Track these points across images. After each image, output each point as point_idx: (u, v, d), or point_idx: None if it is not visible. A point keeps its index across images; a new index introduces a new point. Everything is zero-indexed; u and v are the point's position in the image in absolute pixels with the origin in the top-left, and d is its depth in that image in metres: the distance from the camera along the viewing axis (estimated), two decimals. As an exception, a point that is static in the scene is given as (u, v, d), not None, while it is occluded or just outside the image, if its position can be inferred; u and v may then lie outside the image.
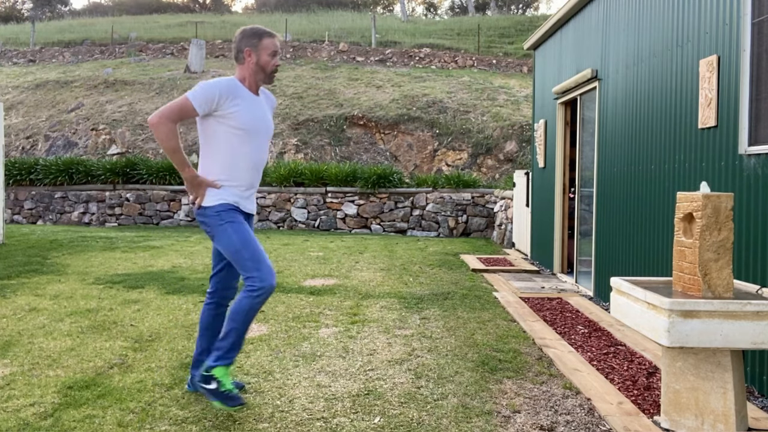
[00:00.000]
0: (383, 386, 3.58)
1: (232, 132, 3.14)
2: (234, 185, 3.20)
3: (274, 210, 13.28)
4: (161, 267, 7.62)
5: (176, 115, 3.03)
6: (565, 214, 7.95)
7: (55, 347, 4.20)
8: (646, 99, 5.37)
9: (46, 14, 45.50)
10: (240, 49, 3.22)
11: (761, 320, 2.81)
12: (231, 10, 48.87)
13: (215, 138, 3.16)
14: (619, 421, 3.14)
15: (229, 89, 3.12)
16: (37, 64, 24.26)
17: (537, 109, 9.34)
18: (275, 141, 15.71)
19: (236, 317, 3.10)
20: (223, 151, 3.17)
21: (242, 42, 3.21)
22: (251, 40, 3.21)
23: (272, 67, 3.25)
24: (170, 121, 3.01)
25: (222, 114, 3.12)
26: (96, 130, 16.67)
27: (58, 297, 5.77)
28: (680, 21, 4.78)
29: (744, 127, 3.90)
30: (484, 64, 22.66)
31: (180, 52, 24.55)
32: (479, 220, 12.70)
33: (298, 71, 20.60)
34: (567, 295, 6.49)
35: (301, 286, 6.55)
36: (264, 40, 3.22)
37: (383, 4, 48.27)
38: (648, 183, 5.32)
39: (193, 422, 3.02)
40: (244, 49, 3.21)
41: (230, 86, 3.14)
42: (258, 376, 3.70)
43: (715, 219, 2.99)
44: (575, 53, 7.46)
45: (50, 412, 3.11)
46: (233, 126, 3.13)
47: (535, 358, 4.22)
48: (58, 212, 13.96)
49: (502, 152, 14.92)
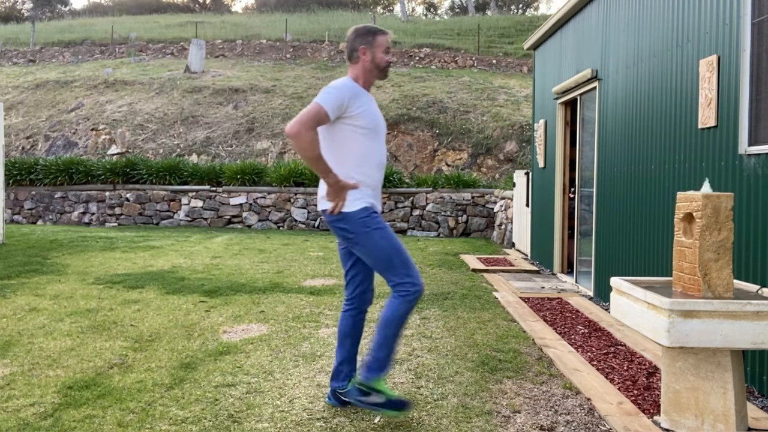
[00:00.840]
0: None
1: (360, 132, 3.11)
2: (368, 186, 3.16)
3: (274, 210, 13.28)
4: (161, 267, 7.62)
5: (314, 122, 2.96)
6: (565, 214, 7.95)
7: (55, 347, 4.20)
8: (646, 99, 5.37)
9: (46, 14, 45.51)
10: (355, 48, 3.19)
11: (761, 320, 2.81)
12: (231, 10, 48.88)
13: (345, 141, 3.11)
14: (619, 421, 3.14)
15: (353, 90, 3.11)
16: (37, 64, 24.26)
17: (537, 109, 9.34)
18: (275, 141, 15.72)
19: (391, 324, 3.07)
20: (356, 153, 3.12)
21: (356, 41, 3.19)
22: (366, 38, 3.19)
23: (386, 63, 3.24)
24: (310, 130, 2.94)
25: (349, 116, 3.08)
26: (96, 130, 16.67)
27: (58, 297, 5.77)
28: (680, 21, 4.78)
29: (744, 127, 3.90)
30: (484, 64, 22.66)
31: (180, 52, 24.56)
32: (479, 220, 12.70)
33: (298, 71, 20.61)
34: (567, 295, 6.49)
35: (301, 286, 6.55)
36: (378, 37, 3.21)
37: (383, 4, 48.27)
38: (648, 183, 5.32)
39: (193, 422, 3.02)
40: (359, 48, 3.18)
41: (353, 87, 3.13)
42: (258, 376, 3.70)
43: (715, 219, 2.99)
44: (575, 53, 7.46)
45: (50, 412, 3.11)
46: (361, 126, 3.10)
47: (535, 358, 4.22)
48: (58, 212, 13.96)
49: (502, 152, 14.91)
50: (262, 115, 16.65)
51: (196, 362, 3.93)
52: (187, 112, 17.03)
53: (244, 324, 4.92)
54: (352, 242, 3.12)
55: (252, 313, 5.30)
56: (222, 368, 3.82)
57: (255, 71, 20.55)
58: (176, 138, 16.17)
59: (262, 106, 17.17)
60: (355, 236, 3.10)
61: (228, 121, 16.62)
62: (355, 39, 3.19)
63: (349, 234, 3.11)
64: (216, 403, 3.27)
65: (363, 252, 3.12)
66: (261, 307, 5.51)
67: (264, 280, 6.87)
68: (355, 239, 3.11)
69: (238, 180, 13.36)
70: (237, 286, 6.46)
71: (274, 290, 6.29)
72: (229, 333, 4.66)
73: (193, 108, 17.23)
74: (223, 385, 3.52)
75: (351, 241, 3.12)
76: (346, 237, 3.13)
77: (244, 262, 8.10)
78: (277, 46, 24.42)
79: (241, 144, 15.79)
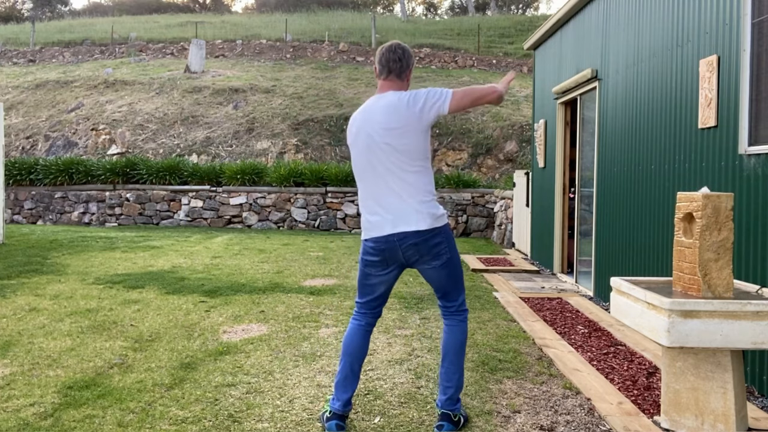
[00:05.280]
0: (383, 386, 3.58)
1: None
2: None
3: (274, 210, 13.28)
4: (161, 267, 7.62)
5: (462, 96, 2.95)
6: (565, 214, 7.95)
7: (55, 347, 4.20)
8: (646, 99, 5.37)
9: (46, 14, 45.50)
10: (409, 66, 3.07)
11: (761, 320, 2.81)
12: (231, 10, 48.87)
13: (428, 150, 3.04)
14: (619, 421, 3.14)
15: None
16: (37, 64, 24.26)
17: (537, 109, 9.34)
18: (275, 141, 15.71)
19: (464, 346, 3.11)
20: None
21: (411, 60, 3.09)
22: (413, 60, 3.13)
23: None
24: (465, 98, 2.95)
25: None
26: (96, 130, 16.67)
27: (58, 297, 5.77)
28: (680, 21, 4.78)
29: (744, 127, 3.90)
30: (484, 64, 22.66)
31: (180, 52, 24.55)
32: (479, 220, 12.70)
33: (298, 71, 20.61)
34: (567, 295, 6.49)
35: (301, 286, 6.55)
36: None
37: (383, 4, 48.26)
38: (648, 183, 5.32)
39: (193, 422, 3.02)
40: (411, 67, 3.10)
41: None
42: (258, 376, 3.70)
43: (715, 219, 2.99)
44: (575, 53, 7.46)
45: (50, 412, 3.11)
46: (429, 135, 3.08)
47: (535, 358, 4.22)
48: (58, 212, 13.96)
49: (502, 152, 14.92)
50: (262, 115, 16.65)
51: (196, 362, 3.93)
52: (187, 112, 17.03)
53: (244, 324, 4.92)
54: (442, 258, 2.96)
55: (252, 313, 5.30)
56: (222, 368, 3.82)
57: (255, 71, 20.55)
58: (176, 138, 16.17)
59: (262, 106, 17.17)
60: (449, 250, 2.97)
61: (228, 121, 16.62)
62: (411, 58, 3.09)
63: (443, 248, 2.95)
64: (216, 403, 3.27)
65: (447, 268, 2.99)
66: (261, 307, 5.51)
67: (264, 280, 6.87)
68: (448, 253, 2.97)
69: (238, 180, 13.36)
70: (237, 286, 6.46)
71: (274, 290, 6.29)
72: (229, 333, 4.66)
73: (193, 108, 17.23)
74: (223, 385, 3.52)
75: (440, 258, 2.96)
76: (439, 253, 2.95)
77: (244, 262, 8.10)
78: (277, 46, 24.42)
79: (241, 144, 15.79)
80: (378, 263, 3.00)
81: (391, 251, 2.95)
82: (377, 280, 3.05)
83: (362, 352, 3.09)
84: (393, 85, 3.03)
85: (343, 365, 3.06)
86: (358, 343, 3.08)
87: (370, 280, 3.06)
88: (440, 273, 2.99)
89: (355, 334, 3.09)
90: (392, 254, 2.95)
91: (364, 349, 3.10)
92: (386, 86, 3.04)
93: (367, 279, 3.07)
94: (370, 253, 3.01)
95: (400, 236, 2.90)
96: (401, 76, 3.04)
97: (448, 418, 2.97)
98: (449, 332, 3.08)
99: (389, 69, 3.02)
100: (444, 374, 3.05)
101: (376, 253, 2.98)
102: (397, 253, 2.94)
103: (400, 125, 2.91)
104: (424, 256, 2.95)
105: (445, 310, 3.10)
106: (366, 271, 3.06)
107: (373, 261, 3.00)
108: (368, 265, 3.03)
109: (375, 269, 3.03)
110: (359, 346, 3.08)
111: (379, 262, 2.99)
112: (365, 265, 3.05)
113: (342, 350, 3.10)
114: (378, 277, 3.05)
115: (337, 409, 2.99)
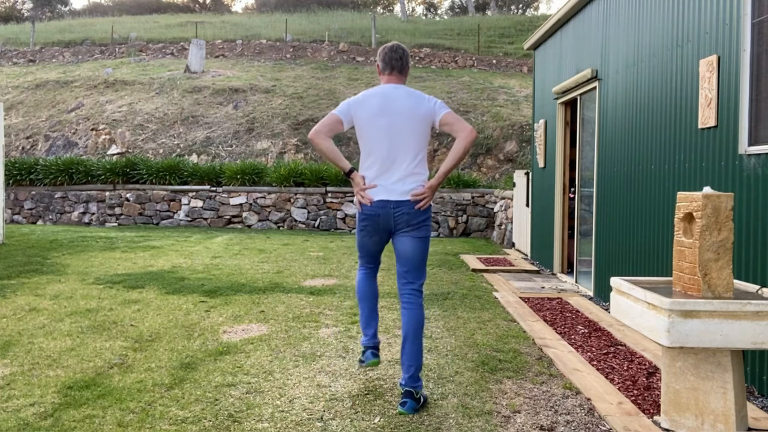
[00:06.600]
0: (383, 386, 3.58)
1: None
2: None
3: (274, 210, 13.28)
4: (161, 267, 7.62)
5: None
6: (565, 214, 7.95)
7: (55, 347, 4.20)
8: (646, 99, 5.37)
9: (46, 14, 45.50)
10: (408, 64, 3.52)
11: (761, 320, 2.81)
12: (231, 10, 48.86)
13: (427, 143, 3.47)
14: (619, 421, 3.14)
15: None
16: (37, 64, 24.26)
17: (537, 109, 9.34)
18: (275, 141, 15.72)
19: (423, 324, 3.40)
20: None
21: (409, 59, 3.55)
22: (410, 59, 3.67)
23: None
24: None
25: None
26: (96, 130, 16.67)
27: (58, 297, 5.77)
28: (680, 21, 4.78)
29: (744, 127, 3.90)
30: (484, 64, 22.67)
31: (180, 52, 24.55)
32: (479, 220, 12.70)
33: (298, 71, 20.61)
34: (567, 295, 6.49)
35: (301, 286, 6.55)
36: None
37: (383, 4, 48.25)
38: (648, 183, 5.32)
39: (193, 422, 3.02)
40: (409, 65, 3.54)
41: None
42: (258, 376, 3.70)
43: (715, 219, 2.99)
44: (575, 53, 7.46)
45: (50, 412, 3.11)
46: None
47: (535, 358, 4.22)
48: (58, 212, 13.96)
49: (502, 152, 14.92)
50: (262, 115, 16.65)
51: (196, 362, 3.93)
52: (187, 112, 17.03)
53: (244, 324, 4.92)
54: (423, 232, 3.36)
55: (252, 313, 5.30)
56: (222, 368, 3.82)
57: (255, 71, 20.55)
58: (176, 138, 16.17)
59: (262, 106, 17.17)
60: (428, 230, 3.39)
61: (228, 121, 16.62)
62: (409, 57, 3.54)
63: (426, 224, 3.37)
64: (216, 403, 3.27)
65: (422, 243, 3.36)
66: (261, 307, 5.51)
67: (264, 280, 6.87)
68: (427, 232, 3.38)
69: (238, 180, 13.36)
70: (237, 286, 6.46)
71: (274, 290, 6.29)
72: (229, 333, 4.66)
73: (193, 108, 17.23)
74: (223, 385, 3.52)
75: (422, 231, 3.35)
76: (423, 225, 3.35)
77: (244, 262, 8.10)
78: (277, 46, 24.42)
79: (241, 144, 15.79)
80: (371, 226, 3.39)
81: (384, 216, 3.33)
82: (371, 241, 3.49)
83: (375, 294, 3.62)
84: (395, 80, 3.46)
85: (362, 308, 3.61)
86: (370, 287, 3.61)
87: (365, 240, 3.51)
88: (417, 246, 3.35)
89: (364, 281, 3.61)
90: (385, 219, 3.33)
91: (376, 291, 3.63)
92: (390, 81, 3.46)
93: (363, 240, 3.51)
94: (366, 216, 3.39)
95: (396, 204, 3.30)
96: (402, 72, 3.47)
97: (411, 396, 3.23)
98: (409, 315, 3.35)
99: (392, 66, 3.45)
100: (406, 355, 3.31)
101: (371, 216, 3.36)
102: (389, 219, 3.33)
103: (422, 114, 3.34)
104: (410, 225, 3.33)
105: (409, 287, 3.39)
106: (363, 234, 3.48)
107: (366, 226, 3.41)
108: (364, 229, 3.43)
109: (369, 232, 3.44)
110: (372, 289, 3.61)
111: (373, 225, 3.38)
112: (361, 229, 3.45)
113: (358, 297, 3.62)
114: (372, 239, 3.49)
115: (367, 342, 3.55)
